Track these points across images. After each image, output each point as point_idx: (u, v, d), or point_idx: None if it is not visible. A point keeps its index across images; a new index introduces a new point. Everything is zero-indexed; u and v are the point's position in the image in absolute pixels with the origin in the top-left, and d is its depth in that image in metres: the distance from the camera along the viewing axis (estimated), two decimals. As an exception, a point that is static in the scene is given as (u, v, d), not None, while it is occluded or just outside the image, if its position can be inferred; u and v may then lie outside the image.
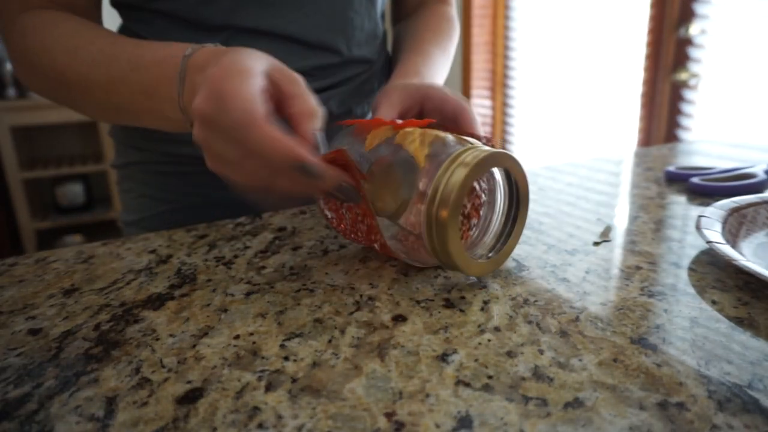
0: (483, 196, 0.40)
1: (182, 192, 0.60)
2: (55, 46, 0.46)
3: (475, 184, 0.39)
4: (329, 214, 0.42)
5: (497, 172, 0.38)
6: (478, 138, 0.42)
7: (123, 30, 0.58)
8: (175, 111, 0.40)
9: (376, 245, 0.39)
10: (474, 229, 0.40)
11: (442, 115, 0.46)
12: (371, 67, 0.63)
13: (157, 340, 0.32)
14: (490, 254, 0.38)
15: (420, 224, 0.35)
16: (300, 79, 0.38)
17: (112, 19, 0.56)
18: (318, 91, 0.58)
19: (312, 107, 0.37)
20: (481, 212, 0.40)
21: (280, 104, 0.37)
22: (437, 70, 0.58)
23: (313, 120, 0.36)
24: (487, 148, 0.35)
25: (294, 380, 0.28)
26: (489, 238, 0.39)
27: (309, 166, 0.33)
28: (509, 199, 0.39)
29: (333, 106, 0.59)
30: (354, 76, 0.61)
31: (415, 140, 0.36)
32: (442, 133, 0.37)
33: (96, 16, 0.53)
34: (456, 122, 0.45)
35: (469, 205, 0.40)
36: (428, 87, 0.46)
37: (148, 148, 0.59)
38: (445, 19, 0.66)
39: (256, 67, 0.35)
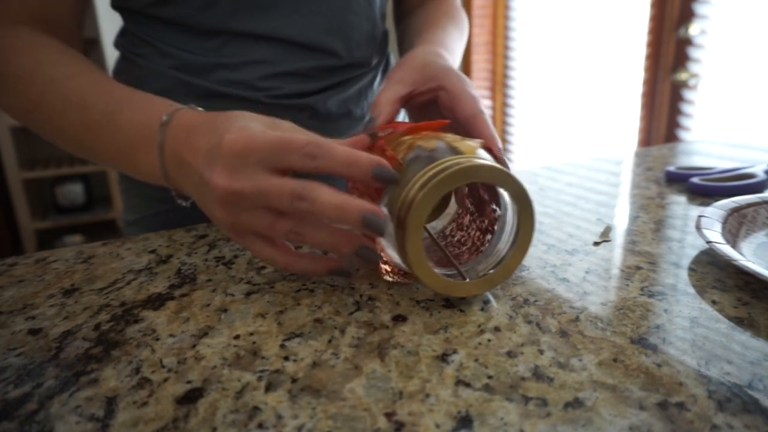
0: (496, 210, 0.37)
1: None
2: (30, 75, 0.44)
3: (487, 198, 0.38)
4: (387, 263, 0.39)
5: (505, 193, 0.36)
6: (488, 149, 0.37)
7: (124, 32, 0.58)
8: (152, 173, 0.40)
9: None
10: (487, 245, 0.38)
11: (453, 114, 0.43)
12: (370, 68, 0.63)
13: (157, 340, 0.32)
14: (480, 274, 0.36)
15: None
16: (295, 127, 0.37)
17: (113, 21, 0.57)
18: (316, 92, 0.58)
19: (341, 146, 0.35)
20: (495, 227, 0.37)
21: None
22: (455, 45, 0.58)
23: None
24: (479, 160, 0.32)
25: (294, 380, 0.28)
26: (490, 259, 0.36)
27: (386, 170, 0.32)
28: (515, 228, 0.35)
29: (332, 107, 0.59)
30: (353, 77, 0.61)
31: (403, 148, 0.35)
32: (434, 142, 0.35)
33: (76, 36, 0.52)
34: (467, 127, 0.42)
35: (485, 221, 0.38)
36: (446, 76, 0.44)
37: None
38: (454, 7, 0.66)
39: (259, 125, 0.35)
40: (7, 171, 2.54)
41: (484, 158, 0.34)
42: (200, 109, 0.40)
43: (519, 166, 2.27)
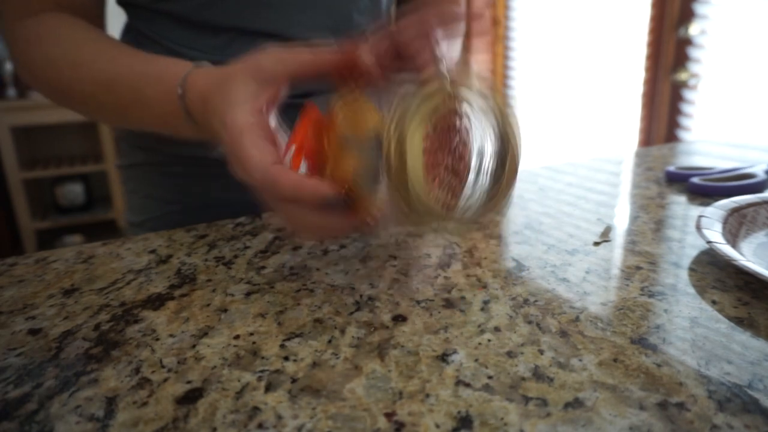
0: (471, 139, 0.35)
1: (188, 193, 0.60)
2: (58, 60, 0.47)
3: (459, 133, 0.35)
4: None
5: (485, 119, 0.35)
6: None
7: (128, 28, 0.58)
8: (196, 135, 0.43)
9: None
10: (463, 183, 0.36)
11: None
12: None
13: (157, 340, 0.32)
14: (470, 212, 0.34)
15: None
16: (283, 58, 0.38)
17: (117, 17, 0.56)
18: (322, 92, 0.58)
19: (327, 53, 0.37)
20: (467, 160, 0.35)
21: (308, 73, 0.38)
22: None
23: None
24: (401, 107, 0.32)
25: (294, 380, 0.28)
26: (477, 189, 0.35)
27: (332, 197, 0.33)
28: (500, 152, 0.34)
29: None
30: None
31: (355, 196, 0.34)
32: (354, 161, 0.34)
33: (99, 17, 0.54)
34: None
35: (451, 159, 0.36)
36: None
37: (155, 149, 0.59)
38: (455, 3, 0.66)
39: (247, 118, 0.36)
40: (7, 171, 2.54)
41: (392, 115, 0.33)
42: (206, 63, 0.42)
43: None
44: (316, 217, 0.34)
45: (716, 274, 0.38)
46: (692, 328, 0.32)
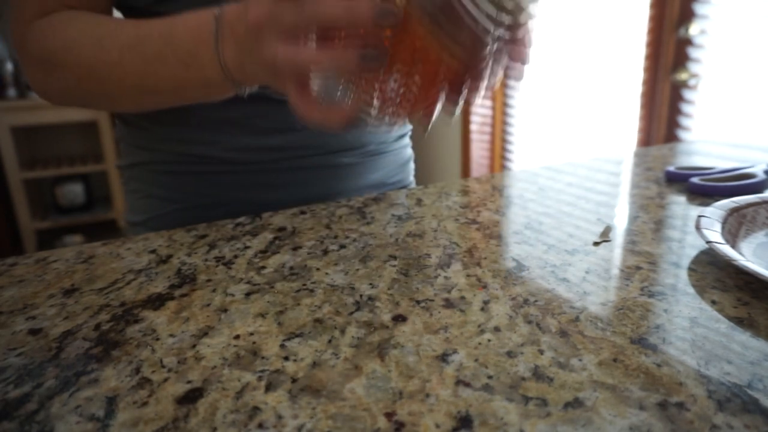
0: None
1: (190, 192, 0.60)
2: (79, 42, 0.46)
3: None
4: (373, 95, 0.37)
5: None
6: None
7: None
8: (217, 71, 0.41)
9: (440, 72, 0.35)
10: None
11: None
12: None
13: (157, 340, 0.32)
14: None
15: None
16: None
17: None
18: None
19: None
20: None
21: None
22: None
23: None
24: None
25: (294, 380, 0.28)
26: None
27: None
28: None
29: None
30: None
31: None
32: None
33: (110, 14, 0.53)
34: None
35: None
36: None
37: (156, 148, 0.59)
38: None
39: None
40: (7, 171, 2.54)
41: None
42: None
43: (519, 166, 2.27)
44: (332, 1, 0.32)
45: (716, 274, 0.38)
46: (692, 328, 0.32)
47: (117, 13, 0.57)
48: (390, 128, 0.41)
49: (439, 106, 0.38)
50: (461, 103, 0.37)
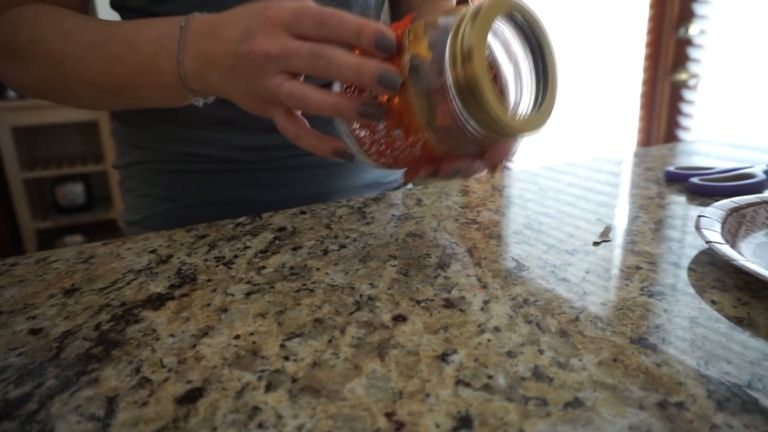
0: (498, 68, 0.38)
1: (185, 191, 0.60)
2: (47, 35, 0.46)
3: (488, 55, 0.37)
4: (361, 133, 0.40)
5: (510, 35, 0.36)
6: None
7: None
8: (175, 79, 0.42)
9: (416, 150, 0.37)
10: (507, 98, 0.38)
11: None
12: None
13: (157, 340, 0.32)
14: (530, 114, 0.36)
15: (452, 102, 0.33)
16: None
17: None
18: None
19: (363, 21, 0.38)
20: (505, 80, 0.38)
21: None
22: None
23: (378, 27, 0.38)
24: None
25: (294, 380, 0.28)
26: (525, 100, 0.37)
27: (388, 37, 0.34)
28: (531, 51, 0.36)
29: None
30: None
31: (411, 39, 0.35)
32: (431, 18, 0.35)
33: (83, 11, 0.53)
34: None
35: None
36: None
37: (151, 147, 0.59)
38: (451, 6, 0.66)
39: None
40: (7, 171, 2.54)
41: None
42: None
43: (519, 165, 2.27)
44: (349, 56, 0.34)
45: (716, 274, 0.39)
46: (692, 328, 0.32)
47: (114, 13, 0.57)
48: (378, 168, 0.43)
49: (422, 171, 0.40)
50: (444, 174, 0.39)
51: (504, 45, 0.37)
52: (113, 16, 0.58)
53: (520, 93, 0.37)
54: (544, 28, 0.36)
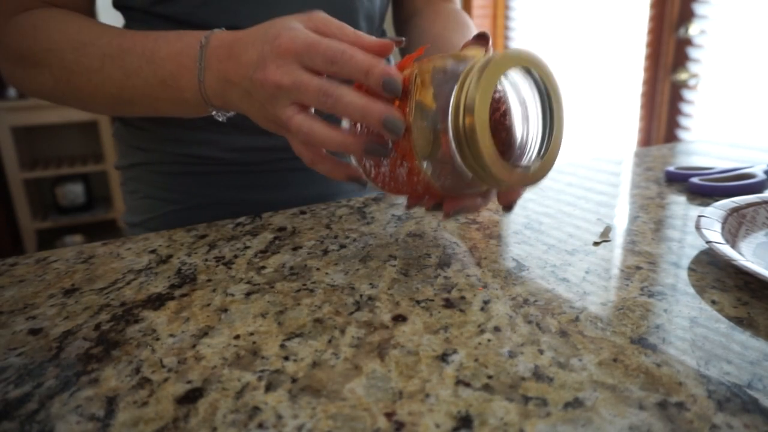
0: (508, 106, 0.38)
1: (188, 192, 0.60)
2: (61, 45, 0.46)
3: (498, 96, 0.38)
4: (368, 164, 0.41)
5: (522, 80, 0.37)
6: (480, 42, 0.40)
7: None
8: (197, 97, 0.43)
9: (418, 187, 0.38)
10: (512, 143, 0.38)
11: None
12: None
13: (157, 340, 0.32)
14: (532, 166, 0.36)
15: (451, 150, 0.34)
16: (338, 23, 0.40)
17: (115, 22, 0.56)
18: None
19: (368, 37, 0.38)
20: (512, 123, 0.38)
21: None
22: None
23: (383, 45, 0.38)
24: (496, 52, 0.34)
25: (294, 380, 0.28)
26: (530, 145, 0.37)
27: (394, 80, 0.35)
28: (541, 102, 0.37)
29: None
30: None
31: (418, 85, 0.35)
32: (440, 61, 0.35)
33: (91, 15, 0.53)
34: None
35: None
36: None
37: (155, 149, 0.59)
38: (464, 17, 0.65)
39: (302, 27, 0.38)
40: (7, 171, 2.54)
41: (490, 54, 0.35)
42: (227, 30, 0.43)
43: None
44: (356, 96, 0.35)
45: (716, 274, 0.39)
46: (692, 328, 0.32)
47: (116, 13, 0.57)
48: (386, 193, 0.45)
49: (426, 202, 0.41)
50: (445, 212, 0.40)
51: (514, 86, 0.37)
52: (115, 15, 0.58)
53: (526, 137, 0.38)
54: (555, 82, 0.36)
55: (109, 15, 0.56)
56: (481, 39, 0.39)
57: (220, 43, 0.41)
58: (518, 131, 0.38)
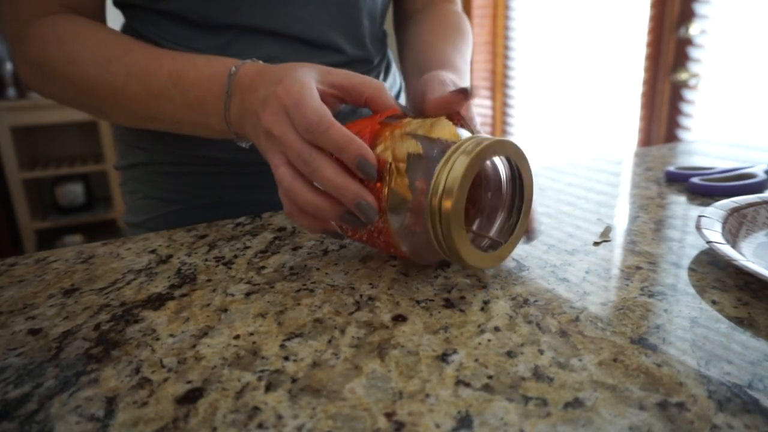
0: (488, 186, 0.40)
1: (189, 193, 0.60)
2: (85, 58, 0.47)
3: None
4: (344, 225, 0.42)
5: (499, 161, 0.38)
6: (459, 120, 0.40)
7: (126, 29, 0.58)
8: (221, 123, 0.44)
9: (392, 251, 0.39)
10: (478, 220, 0.40)
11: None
12: (374, 65, 0.63)
13: (157, 340, 0.32)
14: (491, 248, 0.38)
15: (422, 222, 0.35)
16: (350, 73, 0.40)
17: (113, 21, 0.57)
18: None
19: (378, 85, 0.40)
20: (486, 203, 0.40)
21: (349, 98, 0.41)
22: (465, 66, 0.58)
23: (386, 93, 0.40)
24: (484, 136, 0.35)
25: (294, 380, 0.28)
26: (493, 231, 0.39)
27: (369, 164, 0.35)
28: (512, 190, 0.38)
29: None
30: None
31: (393, 172, 0.36)
32: (413, 145, 0.36)
33: (102, 19, 0.54)
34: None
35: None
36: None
37: (155, 149, 0.59)
38: (459, 16, 0.65)
39: (310, 80, 0.38)
40: (7, 171, 2.54)
41: (472, 136, 0.36)
42: (261, 62, 0.44)
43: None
44: (333, 174, 0.35)
45: (716, 274, 0.38)
46: (692, 328, 0.32)
47: (114, 13, 0.57)
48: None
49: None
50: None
51: (492, 165, 0.39)
52: (115, 14, 0.58)
53: (496, 215, 0.39)
54: (529, 171, 0.38)
55: (109, 13, 0.56)
56: (461, 94, 0.39)
57: (246, 73, 0.42)
58: (488, 202, 0.40)
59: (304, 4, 0.54)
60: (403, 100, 0.71)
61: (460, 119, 0.40)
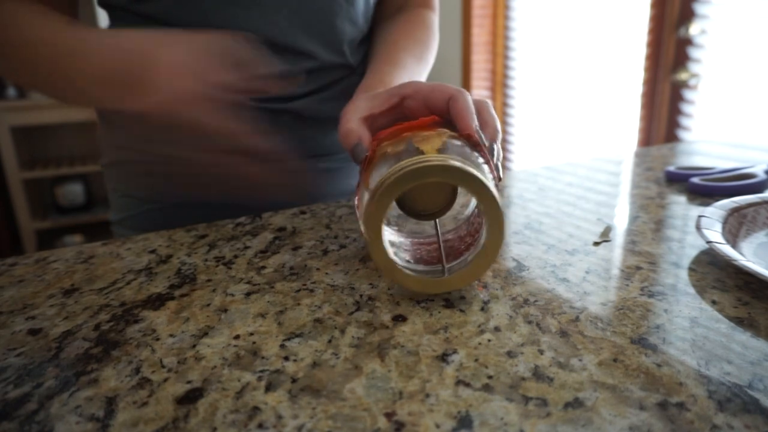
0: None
1: (166, 192, 0.60)
2: (26, 32, 0.46)
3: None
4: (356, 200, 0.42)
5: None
6: (470, 137, 0.38)
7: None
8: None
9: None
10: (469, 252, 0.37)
11: (432, 112, 0.42)
12: (353, 70, 0.62)
13: (157, 340, 0.32)
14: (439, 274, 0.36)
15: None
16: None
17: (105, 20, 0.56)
18: (300, 97, 0.58)
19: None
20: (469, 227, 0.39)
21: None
22: (408, 78, 0.55)
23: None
24: (439, 159, 0.32)
25: (294, 380, 0.28)
26: (451, 261, 0.37)
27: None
28: (478, 227, 0.36)
29: (317, 111, 0.59)
30: (337, 80, 0.60)
31: (369, 167, 0.36)
32: (392, 148, 0.36)
33: (72, 10, 0.53)
34: (450, 116, 0.41)
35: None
36: (405, 85, 0.43)
37: (131, 148, 0.59)
38: (423, 25, 0.64)
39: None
40: (7, 171, 2.54)
41: (442, 157, 0.33)
42: None
43: (519, 166, 2.27)
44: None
45: (716, 274, 0.38)
46: (692, 328, 0.32)
47: (100, 11, 0.57)
48: None
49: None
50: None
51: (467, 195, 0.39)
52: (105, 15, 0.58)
53: (469, 241, 0.38)
54: (496, 206, 0.33)
55: (105, 15, 0.57)
56: (477, 138, 0.38)
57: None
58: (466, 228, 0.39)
59: (277, 9, 0.53)
60: None
61: (480, 147, 0.38)
